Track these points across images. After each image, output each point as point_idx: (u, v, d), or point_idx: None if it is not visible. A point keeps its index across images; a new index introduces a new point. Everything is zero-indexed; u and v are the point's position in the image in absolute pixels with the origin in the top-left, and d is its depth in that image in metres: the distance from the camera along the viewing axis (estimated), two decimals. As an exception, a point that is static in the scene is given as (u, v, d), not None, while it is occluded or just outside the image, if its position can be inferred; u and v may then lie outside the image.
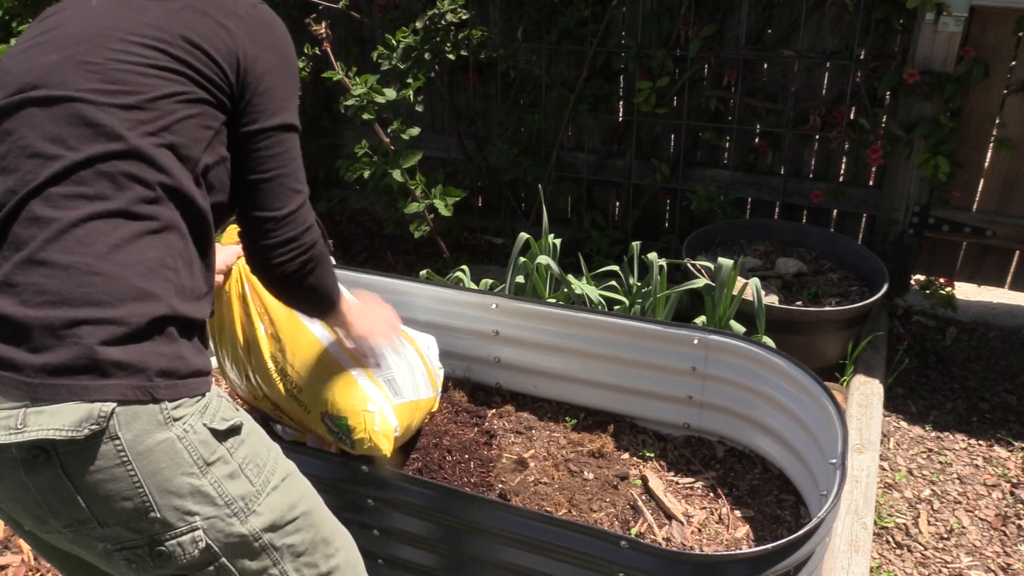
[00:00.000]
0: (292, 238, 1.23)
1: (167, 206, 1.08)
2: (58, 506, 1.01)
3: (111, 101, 1.06)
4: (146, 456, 1.00)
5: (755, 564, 1.39)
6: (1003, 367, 2.94)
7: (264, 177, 1.20)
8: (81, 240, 1.00)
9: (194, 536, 1.06)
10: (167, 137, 1.08)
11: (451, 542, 1.62)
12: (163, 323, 1.03)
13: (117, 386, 0.98)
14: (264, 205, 1.21)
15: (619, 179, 3.46)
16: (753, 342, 1.99)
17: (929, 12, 2.66)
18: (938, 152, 2.82)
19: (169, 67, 1.10)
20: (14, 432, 0.95)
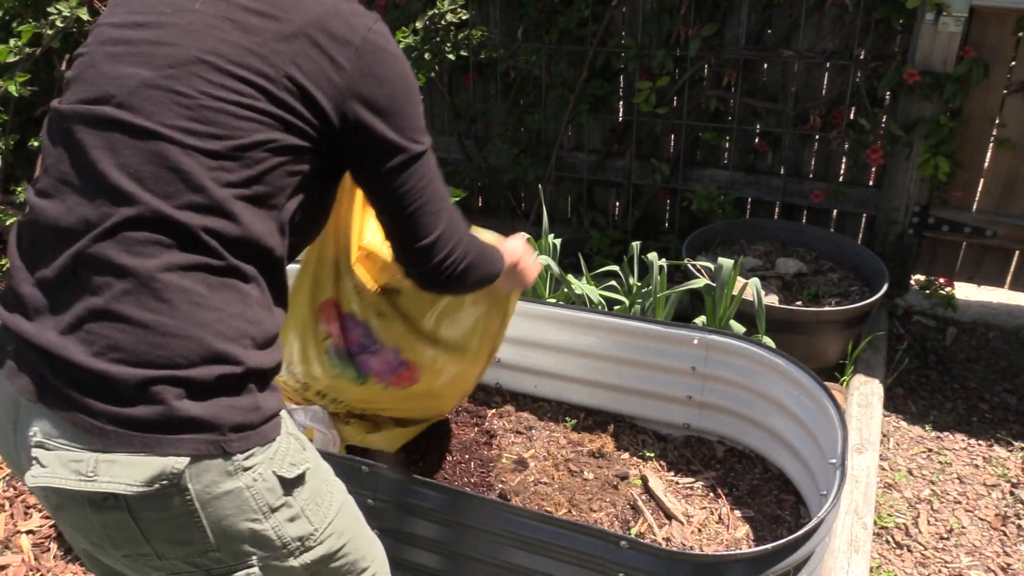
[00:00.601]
0: (445, 257, 1.23)
1: (246, 259, 1.03)
2: (120, 541, 1.01)
3: (198, 145, 0.99)
4: (212, 504, 0.99)
5: (755, 564, 1.39)
6: (1003, 367, 2.94)
7: (406, 212, 1.17)
8: (158, 295, 0.97)
9: (248, 573, 1.05)
10: (253, 189, 1.02)
11: (451, 542, 1.62)
12: (241, 380, 1.01)
13: (191, 441, 0.96)
14: (412, 238, 1.20)
15: (619, 179, 3.46)
16: (753, 342, 1.99)
17: (929, 12, 2.66)
18: (938, 152, 2.82)
19: (267, 111, 1.02)
20: (85, 480, 0.94)
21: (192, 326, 0.97)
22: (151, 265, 0.97)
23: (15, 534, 2.22)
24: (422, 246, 1.20)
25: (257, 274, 1.05)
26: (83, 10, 3.19)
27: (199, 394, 0.97)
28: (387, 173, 1.14)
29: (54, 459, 0.96)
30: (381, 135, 1.11)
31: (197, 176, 0.98)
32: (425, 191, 1.17)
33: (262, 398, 1.04)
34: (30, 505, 2.32)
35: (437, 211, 1.19)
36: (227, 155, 1.00)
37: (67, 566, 2.12)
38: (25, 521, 2.27)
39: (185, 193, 0.98)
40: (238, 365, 1.00)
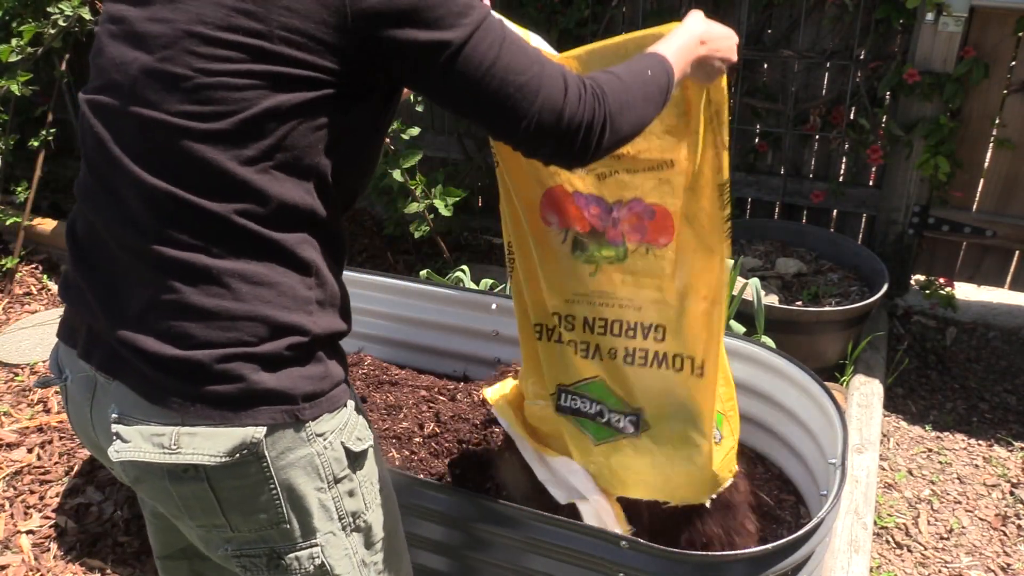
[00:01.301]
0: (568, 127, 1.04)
1: (290, 228, 1.01)
2: (197, 512, 1.04)
3: (207, 128, 0.96)
4: (286, 470, 1.02)
5: (755, 564, 1.39)
6: (1003, 367, 2.95)
7: (488, 104, 1.02)
8: (217, 282, 0.98)
9: (312, 552, 1.08)
10: (276, 158, 0.98)
11: (451, 542, 1.62)
12: (310, 348, 1.03)
13: (268, 411, 0.99)
14: (513, 127, 1.03)
15: (619, 179, 3.46)
16: (753, 342, 1.99)
17: (929, 12, 2.66)
18: (938, 152, 2.82)
19: (268, 73, 0.96)
20: (168, 452, 0.97)
21: (255, 305, 0.99)
22: (201, 256, 0.98)
23: (15, 534, 2.22)
24: (529, 129, 1.03)
25: (307, 238, 1.03)
26: (85, 9, 3.19)
27: (273, 366, 1.00)
28: (441, 75, 1.00)
29: (135, 434, 0.98)
30: (412, 41, 0.97)
31: (216, 161, 0.96)
32: (494, 70, 1.00)
33: (330, 365, 1.06)
34: (30, 505, 2.32)
35: (523, 84, 1.01)
36: (238, 132, 0.96)
37: (67, 566, 2.13)
38: (25, 521, 2.27)
39: (210, 181, 0.97)
40: (305, 335, 1.02)
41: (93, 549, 2.17)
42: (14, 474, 2.43)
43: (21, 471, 2.44)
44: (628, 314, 1.58)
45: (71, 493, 2.35)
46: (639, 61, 1.17)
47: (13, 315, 3.31)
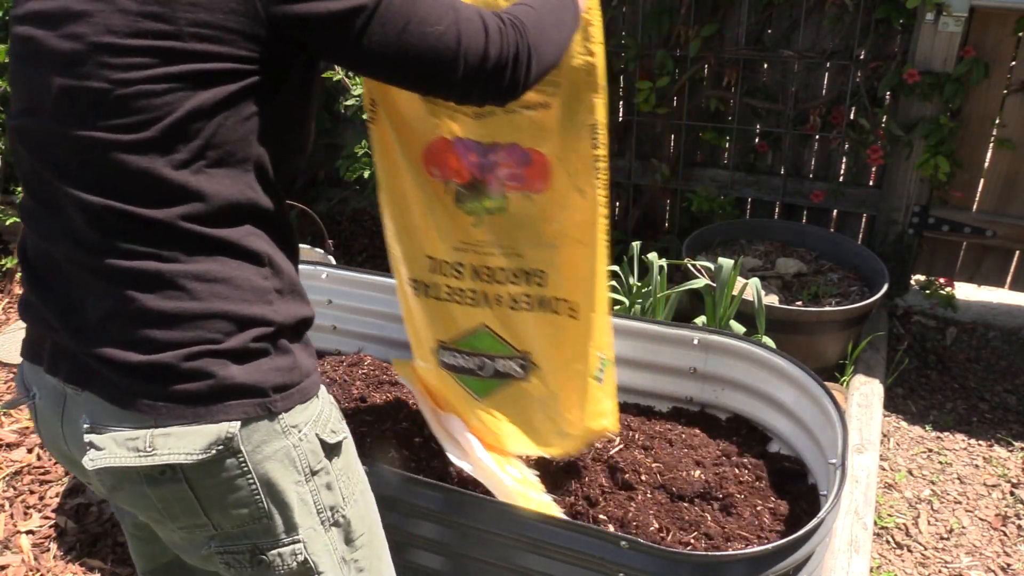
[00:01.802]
0: (495, 65, 1.05)
1: (236, 223, 1.02)
2: (178, 513, 1.04)
3: (136, 139, 0.95)
4: (263, 464, 1.03)
5: (755, 564, 1.39)
6: (1003, 367, 2.95)
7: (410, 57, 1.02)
8: (173, 286, 0.98)
9: (294, 548, 1.08)
10: (209, 156, 0.98)
11: (452, 542, 1.62)
12: (275, 338, 1.04)
13: (239, 406, 1.00)
14: (439, 75, 1.04)
15: (619, 179, 3.46)
16: (753, 342, 1.99)
17: (929, 12, 2.66)
18: (938, 152, 2.82)
19: (184, 74, 0.95)
20: (144, 455, 0.97)
21: (214, 302, 0.99)
22: (152, 262, 0.98)
23: (15, 534, 2.22)
24: (457, 77, 1.04)
25: (255, 229, 1.04)
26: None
27: (240, 360, 1.00)
28: (359, 42, 0.99)
29: (109, 440, 0.98)
30: (325, 13, 0.97)
31: (150, 170, 0.96)
32: (411, 27, 1.01)
33: (299, 355, 1.07)
34: (30, 505, 2.32)
35: (442, 33, 1.02)
36: (167, 137, 0.95)
37: (67, 566, 2.12)
38: (25, 521, 2.27)
39: (148, 190, 0.97)
40: (269, 325, 1.03)
41: (93, 549, 2.17)
42: (14, 474, 2.43)
43: (21, 471, 2.44)
44: (511, 261, 1.63)
45: (71, 493, 2.35)
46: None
47: (13, 315, 3.31)
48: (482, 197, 1.60)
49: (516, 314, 1.68)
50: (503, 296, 1.67)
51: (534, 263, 1.63)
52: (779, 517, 1.76)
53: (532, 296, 1.65)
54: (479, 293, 1.68)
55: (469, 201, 1.61)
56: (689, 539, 1.67)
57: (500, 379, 1.73)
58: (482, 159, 1.57)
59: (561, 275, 1.62)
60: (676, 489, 1.79)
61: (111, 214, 0.97)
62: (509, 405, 1.74)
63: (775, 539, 1.64)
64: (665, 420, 2.09)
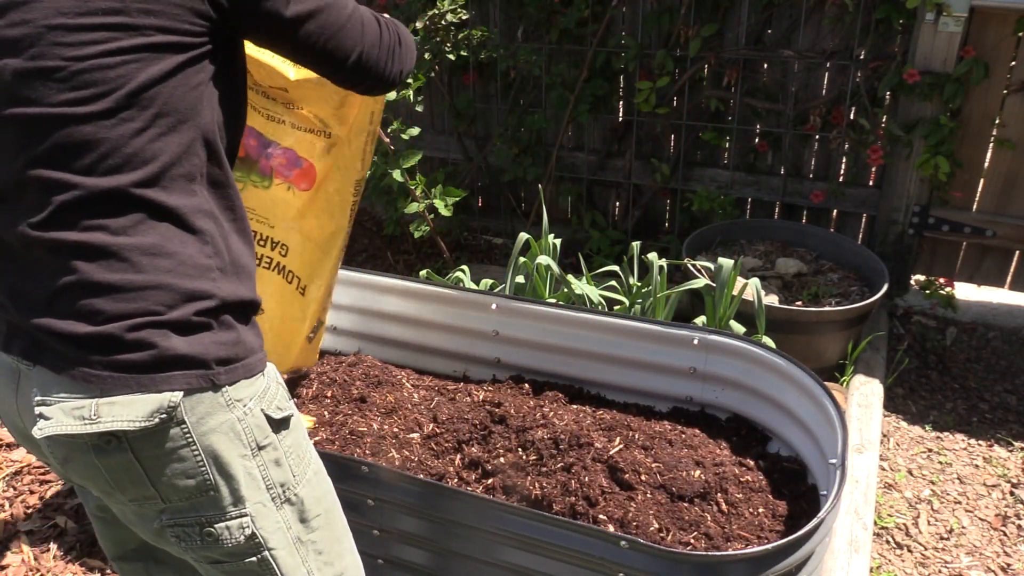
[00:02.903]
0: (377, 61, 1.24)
1: (188, 194, 1.06)
2: (126, 484, 1.07)
3: (91, 110, 1.00)
4: (208, 436, 1.06)
5: (755, 564, 1.39)
6: (1003, 367, 2.95)
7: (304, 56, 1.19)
8: (118, 257, 1.01)
9: (242, 522, 1.11)
10: (163, 124, 1.03)
11: (451, 542, 1.62)
12: (218, 312, 1.07)
13: (182, 376, 1.03)
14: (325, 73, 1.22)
15: (619, 179, 3.46)
16: (753, 342, 1.99)
17: (929, 12, 2.66)
18: (938, 152, 2.82)
19: (136, 46, 1.00)
20: (89, 423, 1.00)
21: (157, 275, 1.02)
22: (99, 234, 1.01)
23: (15, 534, 2.22)
24: (357, 64, 1.21)
25: (203, 205, 1.08)
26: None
27: (183, 332, 1.03)
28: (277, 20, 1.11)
29: (57, 410, 1.02)
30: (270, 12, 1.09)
31: (105, 140, 1.00)
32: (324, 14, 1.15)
33: (243, 331, 1.10)
34: (30, 505, 2.32)
35: (346, 21, 1.18)
36: (121, 107, 1.00)
37: (67, 566, 2.12)
38: (25, 521, 2.27)
39: (103, 160, 1.00)
40: (211, 299, 1.06)
41: (93, 549, 2.17)
42: (14, 474, 2.43)
43: (21, 471, 2.44)
44: (263, 228, 1.96)
45: (71, 493, 2.35)
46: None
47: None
48: (251, 172, 1.90)
49: (259, 270, 1.95)
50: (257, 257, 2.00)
51: (280, 236, 1.96)
52: (779, 517, 1.76)
53: (274, 260, 1.99)
54: None
55: (238, 171, 1.86)
56: (689, 539, 1.67)
57: None
58: (261, 148, 1.87)
59: (299, 257, 1.98)
60: (676, 489, 1.79)
61: (62, 187, 1.00)
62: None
63: (775, 539, 1.64)
64: (665, 420, 2.09)
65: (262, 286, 1.89)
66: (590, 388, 2.23)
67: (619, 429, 1.99)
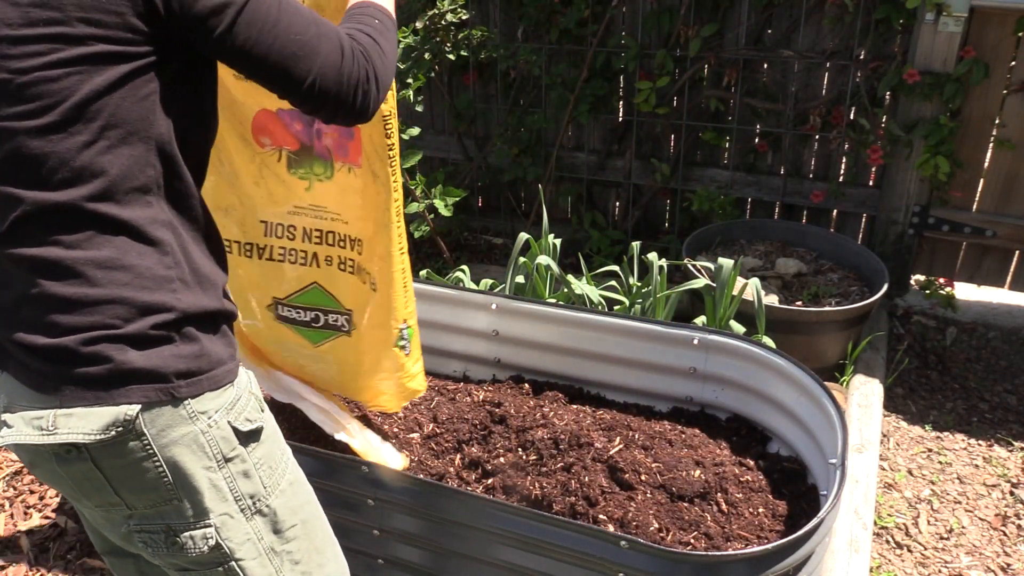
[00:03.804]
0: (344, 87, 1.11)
1: (143, 206, 1.04)
2: (90, 491, 1.08)
3: (38, 124, 0.98)
4: (169, 448, 1.05)
5: (755, 564, 1.39)
6: (1003, 367, 2.95)
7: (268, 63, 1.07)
8: (73, 272, 1.00)
9: (206, 532, 1.10)
10: (110, 136, 1.00)
11: (451, 542, 1.62)
12: (179, 325, 1.05)
13: (139, 390, 1.02)
14: (291, 86, 1.09)
15: (619, 179, 3.46)
16: (753, 342, 1.99)
17: (929, 12, 2.66)
18: (938, 152, 2.82)
19: (78, 57, 0.98)
20: (46, 434, 1.01)
21: (112, 289, 1.02)
22: (54, 249, 1.00)
23: (15, 534, 2.22)
24: (313, 88, 1.09)
25: (160, 215, 1.06)
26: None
27: (140, 346, 1.02)
28: (225, 36, 1.03)
29: (18, 419, 1.03)
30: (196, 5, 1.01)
31: (54, 153, 0.98)
32: (276, 31, 1.06)
33: (208, 343, 1.08)
34: (30, 505, 2.32)
35: (304, 43, 1.07)
36: (68, 120, 0.98)
37: (67, 566, 2.13)
38: (25, 521, 2.27)
39: (53, 174, 0.99)
40: (170, 312, 1.04)
41: (93, 549, 2.16)
42: (14, 474, 2.43)
43: (21, 471, 2.44)
44: (339, 226, 1.80)
45: (71, 493, 2.35)
46: (365, 10, 1.24)
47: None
48: (312, 162, 1.75)
49: (342, 275, 1.84)
50: (332, 257, 1.83)
51: (355, 232, 1.78)
52: (779, 517, 1.76)
53: (354, 261, 1.81)
54: (309, 253, 1.85)
55: (300, 167, 1.76)
56: (689, 539, 1.67)
57: (330, 331, 1.90)
58: (308, 127, 1.72)
59: (369, 248, 1.76)
60: (676, 489, 1.79)
61: (14, 201, 0.99)
62: (338, 353, 1.91)
63: (775, 539, 1.64)
64: (665, 420, 2.09)
65: (347, 300, 1.85)
66: (590, 388, 2.23)
67: (619, 429, 1.99)
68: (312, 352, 1.94)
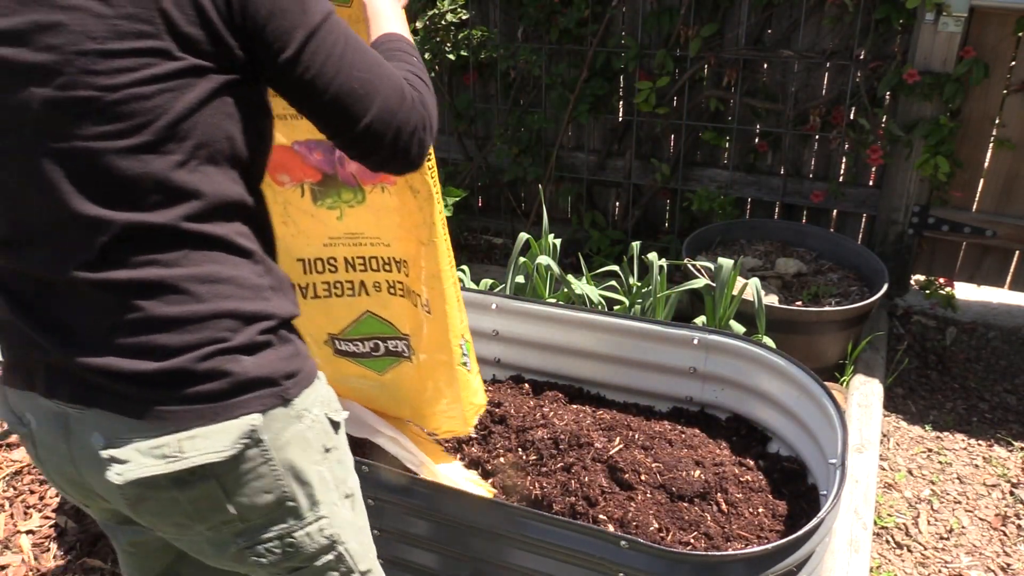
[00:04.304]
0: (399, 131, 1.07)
1: (229, 219, 1.03)
2: (207, 512, 1.05)
3: (131, 144, 0.94)
4: (284, 450, 1.06)
5: (755, 564, 1.39)
6: (1003, 367, 2.95)
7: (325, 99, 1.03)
8: (176, 290, 0.98)
9: (321, 525, 1.12)
10: (201, 154, 0.98)
11: (451, 542, 1.62)
12: (276, 330, 1.06)
13: (257, 399, 1.02)
14: (345, 126, 1.06)
15: (619, 179, 3.46)
16: (753, 342, 1.99)
17: (929, 12, 2.66)
18: (938, 152, 2.82)
19: (170, 73, 0.95)
20: (173, 460, 0.98)
21: (218, 303, 1.00)
22: (154, 269, 0.98)
23: (15, 534, 2.22)
24: (367, 129, 1.06)
25: (243, 228, 1.05)
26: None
27: (252, 354, 1.02)
28: (291, 62, 1.01)
29: (132, 452, 0.98)
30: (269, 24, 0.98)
31: (148, 175, 0.95)
32: (341, 63, 1.03)
33: (298, 343, 1.11)
34: (30, 505, 2.32)
35: (365, 80, 1.04)
36: (162, 139, 0.95)
37: (67, 566, 2.13)
38: (25, 521, 2.27)
39: (147, 196, 0.96)
40: (271, 319, 1.05)
41: (93, 549, 2.17)
42: (14, 474, 2.43)
43: (21, 471, 2.44)
44: (380, 250, 1.69)
45: (71, 493, 2.35)
46: (401, 47, 1.20)
47: None
48: (339, 190, 1.66)
49: (393, 299, 1.74)
50: (380, 283, 1.73)
51: (399, 253, 1.67)
52: (779, 517, 1.76)
53: (403, 284, 1.69)
54: (356, 283, 1.75)
55: (327, 197, 1.67)
56: (689, 539, 1.67)
57: (393, 357, 1.82)
58: (328, 155, 1.63)
59: (415, 268, 1.65)
60: (676, 489, 1.79)
61: (109, 225, 0.95)
62: (404, 381, 1.83)
63: (775, 539, 1.64)
64: (665, 420, 2.09)
65: (403, 325, 1.75)
66: (590, 388, 2.23)
67: (619, 429, 1.99)
68: (378, 381, 1.86)
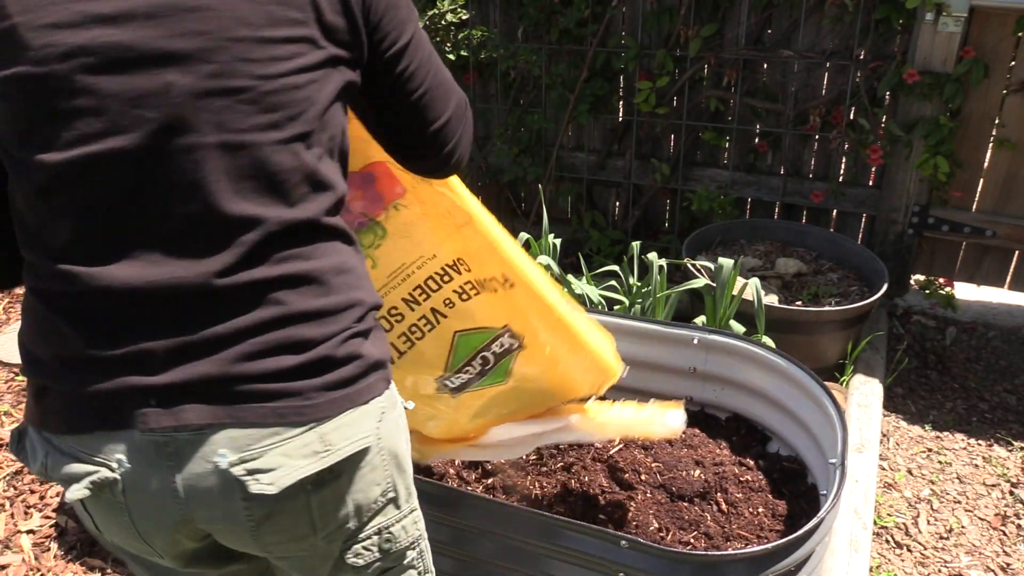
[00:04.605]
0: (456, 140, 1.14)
1: (343, 212, 1.04)
2: (329, 515, 0.99)
3: (283, 136, 0.91)
4: (388, 437, 1.03)
5: (755, 564, 1.39)
6: (1003, 367, 2.95)
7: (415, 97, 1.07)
8: (316, 282, 0.96)
9: (414, 516, 1.11)
10: (332, 147, 0.98)
11: (451, 542, 1.62)
12: (373, 315, 1.05)
13: (377, 380, 1.01)
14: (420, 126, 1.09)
15: (619, 179, 3.46)
16: (753, 342, 1.99)
17: (929, 12, 2.66)
18: (938, 152, 2.82)
19: (319, 63, 0.92)
20: (324, 455, 0.93)
21: (349, 293, 1.00)
22: (296, 264, 0.95)
23: (15, 534, 2.22)
24: (433, 131, 1.10)
25: (343, 221, 1.04)
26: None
27: (370, 338, 1.02)
28: (398, 51, 1.03)
29: (278, 458, 0.91)
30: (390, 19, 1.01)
31: (298, 168, 0.92)
32: (430, 64, 1.07)
33: (381, 329, 1.09)
34: (30, 505, 2.32)
35: (444, 79, 1.10)
36: (311, 132, 0.93)
37: (67, 566, 2.13)
38: (25, 521, 2.27)
39: (295, 190, 0.93)
40: (376, 306, 1.06)
41: (93, 549, 2.17)
42: (14, 474, 2.43)
43: (21, 470, 2.44)
44: (429, 268, 1.56)
45: (71, 493, 2.35)
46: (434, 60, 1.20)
47: (13, 315, 3.31)
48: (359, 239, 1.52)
49: (472, 303, 1.61)
50: (450, 299, 1.60)
51: (450, 255, 1.57)
52: (779, 517, 1.76)
53: (471, 281, 1.59)
54: (426, 315, 1.61)
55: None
56: (689, 539, 1.67)
57: (506, 356, 1.67)
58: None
59: (471, 256, 1.57)
60: (676, 489, 1.79)
61: (255, 223, 0.91)
62: (530, 367, 1.67)
63: (775, 539, 1.64)
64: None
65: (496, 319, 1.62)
66: (590, 388, 2.23)
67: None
68: (508, 389, 1.69)
